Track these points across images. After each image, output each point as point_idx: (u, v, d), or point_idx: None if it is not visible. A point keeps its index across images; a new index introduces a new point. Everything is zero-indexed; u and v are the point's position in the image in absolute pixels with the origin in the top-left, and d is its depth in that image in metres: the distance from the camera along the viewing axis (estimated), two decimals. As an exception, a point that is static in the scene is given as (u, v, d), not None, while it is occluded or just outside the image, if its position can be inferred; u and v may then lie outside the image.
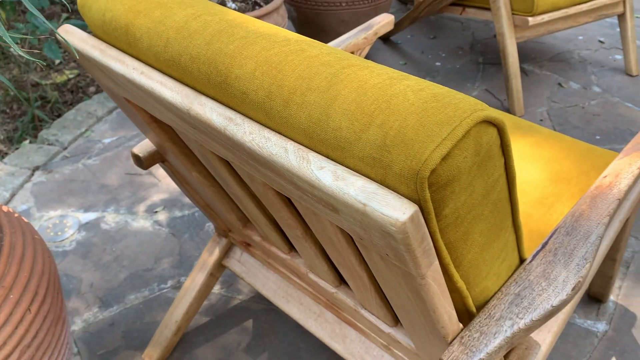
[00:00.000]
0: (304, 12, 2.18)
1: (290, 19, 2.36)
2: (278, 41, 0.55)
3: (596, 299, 1.33)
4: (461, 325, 0.67)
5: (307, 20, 2.20)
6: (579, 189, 0.99)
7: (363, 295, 0.84)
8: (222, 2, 1.94)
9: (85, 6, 0.72)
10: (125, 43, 0.66)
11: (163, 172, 1.77)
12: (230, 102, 0.57)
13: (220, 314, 1.32)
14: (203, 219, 1.58)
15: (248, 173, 0.68)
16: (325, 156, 0.51)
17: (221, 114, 0.57)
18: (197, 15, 0.60)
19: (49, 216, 1.61)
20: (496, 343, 0.64)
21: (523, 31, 1.96)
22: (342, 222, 0.54)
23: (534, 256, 0.74)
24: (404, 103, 0.46)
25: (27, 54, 1.57)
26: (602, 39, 2.53)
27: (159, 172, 1.77)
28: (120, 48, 0.68)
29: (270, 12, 1.83)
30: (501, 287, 0.70)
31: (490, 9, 2.05)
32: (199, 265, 1.21)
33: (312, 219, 0.66)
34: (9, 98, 2.20)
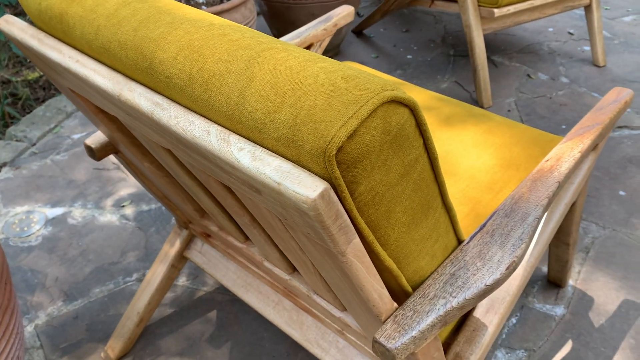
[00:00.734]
0: (274, 6, 2.19)
1: (261, 14, 2.37)
2: (202, 26, 0.56)
3: (555, 284, 1.36)
4: (396, 305, 0.69)
5: (278, 14, 2.21)
6: (528, 174, 1.01)
7: (311, 280, 0.85)
8: (190, -3, 1.94)
9: (24, -4, 0.73)
10: (60, 31, 0.67)
11: (132, 167, 1.76)
12: (157, 87, 0.58)
13: (184, 306, 1.33)
14: (170, 213, 1.58)
15: (189, 162, 0.69)
16: (246, 138, 0.52)
17: (149, 99, 0.58)
18: (127, 2, 0.61)
19: (15, 212, 1.60)
20: (428, 321, 0.66)
21: (490, 23, 1.98)
22: (267, 203, 0.55)
23: (472, 238, 0.76)
24: (315, 84, 0.48)
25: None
26: (572, 31, 2.56)
27: (128, 167, 1.77)
28: (57, 37, 0.69)
29: (237, 6, 1.84)
30: (437, 268, 0.72)
31: (457, 1, 2.07)
32: (160, 256, 1.22)
33: (250, 204, 0.67)
34: (-22, 95, 2.19)
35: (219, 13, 1.79)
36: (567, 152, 0.89)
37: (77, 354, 1.22)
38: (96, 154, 0.99)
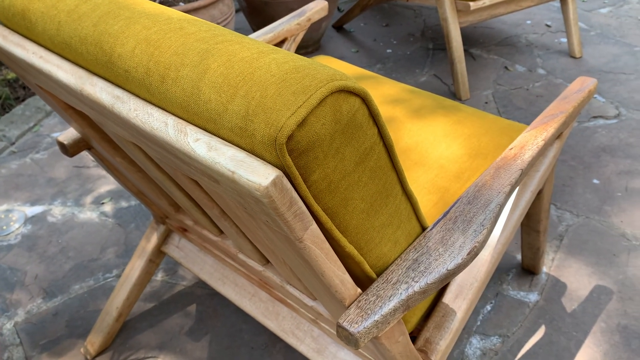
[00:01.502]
0: (253, 2, 2.19)
1: (241, 10, 2.37)
2: (160, 20, 0.57)
3: (529, 272, 1.39)
4: (360, 290, 0.70)
5: (257, 10, 2.21)
6: (496, 163, 1.03)
7: (282, 269, 0.87)
8: (168, -7, 1.94)
9: (-12, -6, 0.73)
10: (24, 28, 0.68)
11: (112, 164, 1.77)
12: (117, 81, 0.59)
13: (163, 300, 1.34)
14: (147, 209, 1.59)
15: (156, 156, 0.70)
16: (202, 128, 0.54)
17: (109, 93, 0.59)
18: (88, -2, 0.62)
19: (-5, 211, 1.60)
20: (391, 305, 0.67)
21: (466, 16, 2.00)
22: (226, 193, 0.56)
23: (435, 225, 0.77)
24: (266, 75, 0.49)
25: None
26: (549, 23, 2.59)
27: (108, 164, 1.78)
28: (21, 33, 0.70)
29: (214, 2, 1.84)
30: (401, 254, 0.74)
31: (434, -5, 2.09)
32: (138, 252, 1.23)
33: (215, 195, 0.69)
34: (-43, 95, 2.18)
35: (197, 10, 1.80)
36: (531, 141, 0.91)
37: (57, 350, 1.23)
38: (69, 150, 0.99)
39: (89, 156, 1.82)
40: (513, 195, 0.99)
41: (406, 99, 1.19)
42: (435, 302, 0.94)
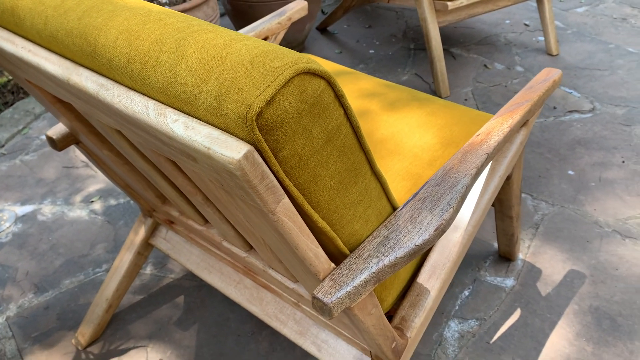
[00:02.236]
0: (238, 5, 2.24)
1: (226, 13, 2.42)
2: (140, 13, 0.62)
3: (506, 258, 1.44)
4: (334, 265, 0.75)
5: (241, 13, 2.26)
6: (467, 151, 1.08)
7: (263, 252, 0.91)
8: (154, -3, 1.99)
9: (-21, -7, 0.78)
10: (13, 24, 0.72)
11: (100, 164, 1.80)
12: (101, 70, 0.63)
13: (152, 293, 1.38)
14: (135, 204, 1.63)
15: (138, 141, 0.75)
16: (180, 110, 0.58)
17: (94, 81, 0.63)
18: (73, -6, 0.66)
19: (-15, 211, 1.64)
20: (362, 278, 0.72)
21: (444, 15, 2.06)
22: (204, 170, 0.61)
23: (405, 205, 0.82)
24: (237, 58, 0.54)
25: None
26: (528, 22, 2.66)
27: (96, 164, 1.82)
28: (10, 29, 0.74)
29: (199, 5, 1.89)
30: (373, 232, 0.78)
31: (413, -4, 2.15)
32: (127, 244, 1.27)
33: (196, 178, 0.73)
34: (-54, 100, 2.20)
35: (182, 12, 1.84)
36: (497, 127, 0.96)
37: (49, 342, 1.26)
38: (58, 145, 1.04)
39: (78, 157, 1.86)
40: (482, 179, 1.04)
41: (382, 93, 1.24)
42: (410, 283, 0.99)
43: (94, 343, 1.25)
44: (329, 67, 1.41)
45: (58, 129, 1.04)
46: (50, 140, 1.03)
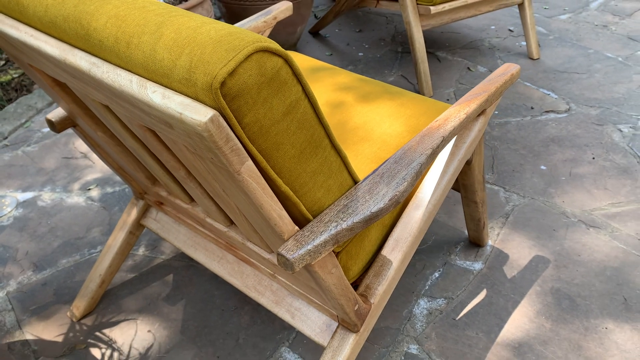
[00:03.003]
0: (232, 8, 2.35)
1: (221, 16, 2.53)
2: (127, 1, 0.72)
3: (476, 244, 1.53)
4: (298, 228, 0.84)
5: (235, 15, 2.37)
6: (431, 138, 1.18)
7: (241, 224, 1.01)
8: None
9: (-12, -14, 0.88)
10: (17, 12, 0.82)
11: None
12: (93, 50, 0.73)
13: (143, 272, 1.47)
14: (129, 187, 1.73)
15: (125, 115, 0.84)
16: (158, 83, 0.68)
17: (87, 61, 0.73)
18: (71, -14, 0.77)
19: (-12, 197, 1.74)
20: (322, 238, 0.82)
21: (428, 19, 2.17)
22: (179, 137, 0.71)
23: (365, 179, 0.92)
24: (206, 38, 0.64)
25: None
26: (512, 28, 2.76)
27: (94, 155, 1.91)
28: (14, 17, 0.84)
29: (194, 6, 2.00)
30: (334, 201, 0.88)
31: (398, 0, 2.25)
32: (119, 225, 1.37)
33: (175, 148, 0.83)
34: (-47, 96, 2.31)
35: (177, 13, 1.95)
36: (454, 114, 1.06)
37: (46, 314, 1.35)
38: (56, 127, 1.14)
39: (77, 149, 1.96)
40: (442, 162, 1.14)
41: (357, 86, 1.34)
42: (374, 256, 1.08)
43: (88, 316, 1.35)
44: (312, 63, 1.51)
45: (57, 113, 1.14)
46: (49, 122, 1.13)
